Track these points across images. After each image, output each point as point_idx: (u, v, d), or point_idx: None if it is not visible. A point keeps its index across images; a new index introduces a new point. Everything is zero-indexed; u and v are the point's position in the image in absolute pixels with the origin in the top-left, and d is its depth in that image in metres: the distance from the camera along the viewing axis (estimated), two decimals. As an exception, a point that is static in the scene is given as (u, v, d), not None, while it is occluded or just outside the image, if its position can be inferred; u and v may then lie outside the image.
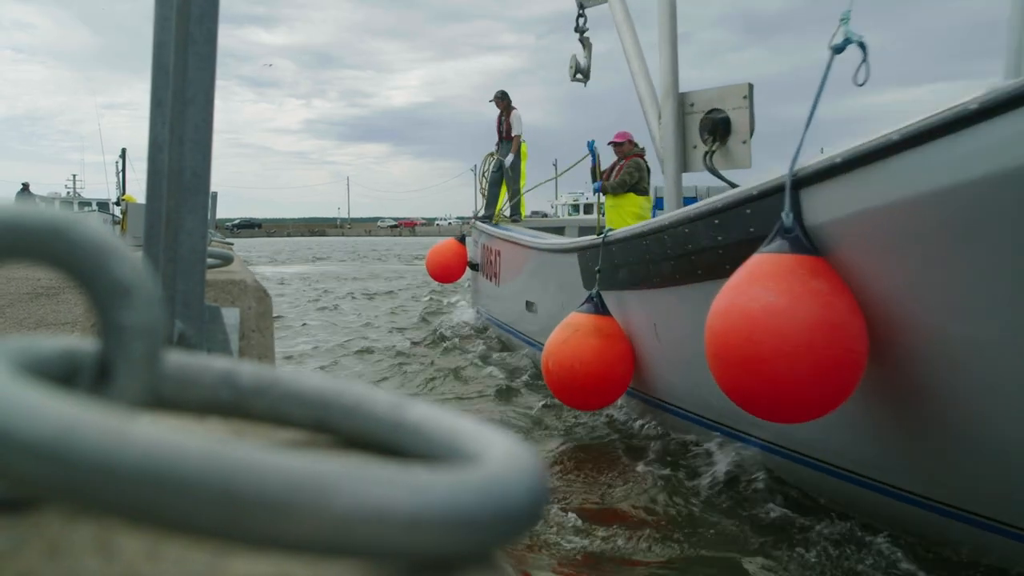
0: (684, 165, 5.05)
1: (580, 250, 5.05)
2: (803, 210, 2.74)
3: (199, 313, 1.39)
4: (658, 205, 8.19)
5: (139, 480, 0.29)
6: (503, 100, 9.50)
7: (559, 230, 9.95)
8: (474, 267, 9.28)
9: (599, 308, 4.47)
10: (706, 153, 4.70)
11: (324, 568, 0.36)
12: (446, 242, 9.64)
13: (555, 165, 14.36)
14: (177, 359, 0.51)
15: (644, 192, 7.19)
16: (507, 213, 9.30)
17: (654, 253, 3.99)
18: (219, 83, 1.74)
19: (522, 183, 9.62)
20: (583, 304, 4.51)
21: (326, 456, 0.33)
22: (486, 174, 9.82)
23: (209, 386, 0.52)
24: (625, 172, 7.08)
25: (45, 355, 0.42)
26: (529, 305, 6.78)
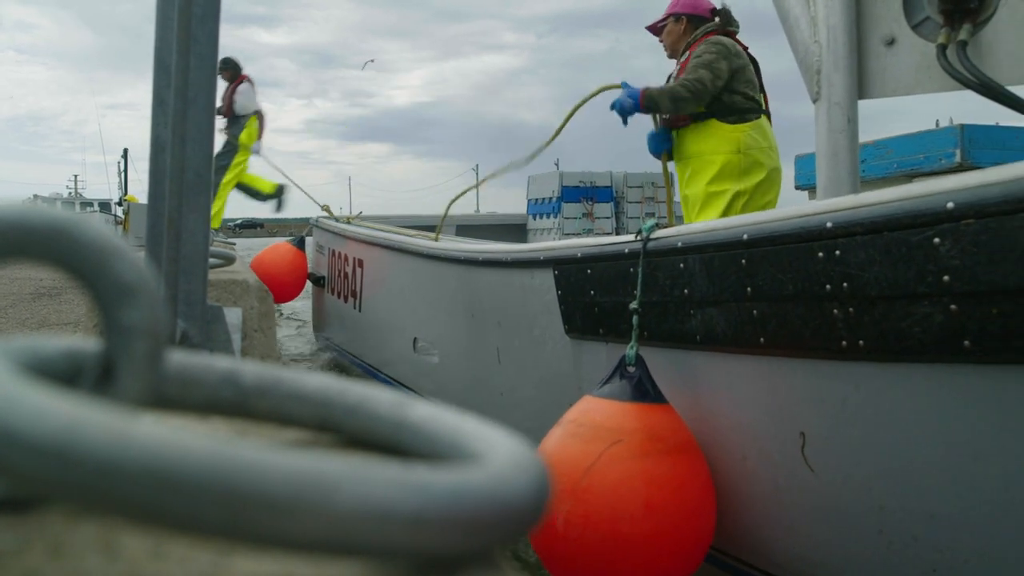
0: (862, 83, 2.33)
1: (562, 263, 2.59)
2: None
3: (201, 313, 1.40)
4: (804, 174, 5.73)
5: (142, 479, 0.29)
6: (227, 69, 7.80)
7: (431, 228, 7.81)
8: (317, 281, 6.42)
9: (646, 389, 2.04)
10: (943, 47, 2.09)
11: (327, 567, 0.36)
12: (277, 246, 6.65)
13: (556, 164, 14.24)
14: (180, 359, 0.52)
15: (748, 111, 3.29)
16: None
17: (879, 276, 1.63)
18: (220, 83, 1.75)
19: (228, 178, 7.56)
20: (612, 380, 2.07)
21: (329, 455, 0.33)
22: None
23: (212, 386, 0.52)
24: (693, 63, 3.26)
25: (48, 355, 0.43)
26: (419, 345, 4.23)
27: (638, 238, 2.20)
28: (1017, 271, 1.38)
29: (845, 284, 1.66)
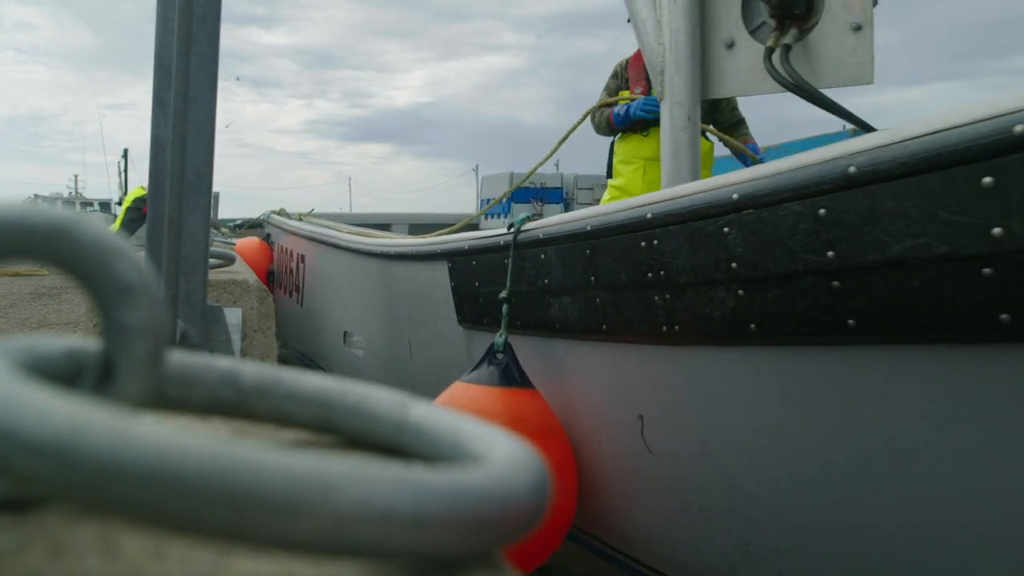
0: (705, 82, 2.42)
1: (455, 255, 2.67)
2: None
3: (201, 313, 1.40)
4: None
5: (142, 480, 0.29)
6: None
7: (385, 227, 7.11)
8: (269, 277, 6.39)
9: (512, 375, 2.14)
10: (770, 51, 2.21)
11: (327, 568, 0.36)
12: (246, 241, 6.72)
13: (557, 165, 14.22)
14: (179, 359, 0.52)
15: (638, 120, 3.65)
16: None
17: (686, 264, 1.71)
18: (220, 83, 1.75)
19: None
20: (481, 366, 2.18)
21: (329, 456, 0.33)
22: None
23: (211, 386, 0.52)
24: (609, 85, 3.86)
25: (48, 355, 0.43)
26: (348, 338, 4.24)
27: (510, 231, 2.28)
28: (783, 257, 1.47)
29: (662, 272, 1.75)
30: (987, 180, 1.16)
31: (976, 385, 1.29)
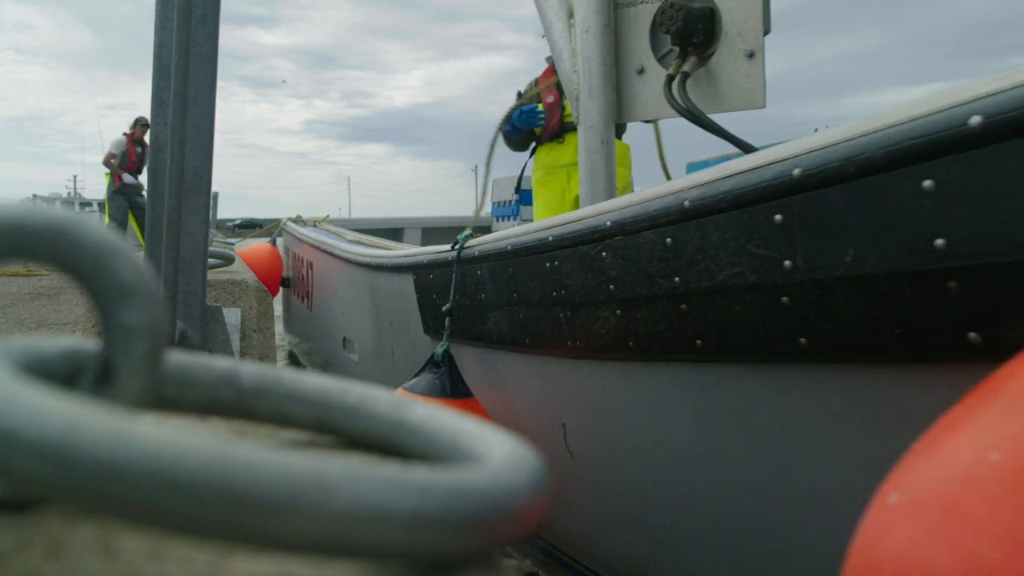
0: (620, 107, 2.54)
1: (418, 268, 2.79)
2: None
3: (201, 313, 1.39)
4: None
5: (141, 480, 0.29)
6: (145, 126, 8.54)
7: (397, 231, 7.26)
8: (286, 283, 6.65)
9: (451, 383, 2.30)
10: (671, 78, 2.31)
11: (326, 568, 0.36)
12: (256, 245, 6.65)
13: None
14: (178, 359, 0.51)
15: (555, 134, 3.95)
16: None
17: (578, 285, 1.81)
18: (219, 83, 1.75)
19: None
20: (423, 372, 2.36)
21: (328, 456, 0.33)
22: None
23: (210, 386, 0.52)
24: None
25: (47, 355, 0.43)
26: (347, 344, 4.34)
27: (455, 247, 2.42)
28: (645, 282, 1.59)
29: (563, 291, 1.87)
30: (778, 217, 1.28)
31: (794, 403, 1.42)
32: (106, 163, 9.48)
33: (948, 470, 0.71)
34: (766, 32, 2.23)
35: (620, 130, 3.85)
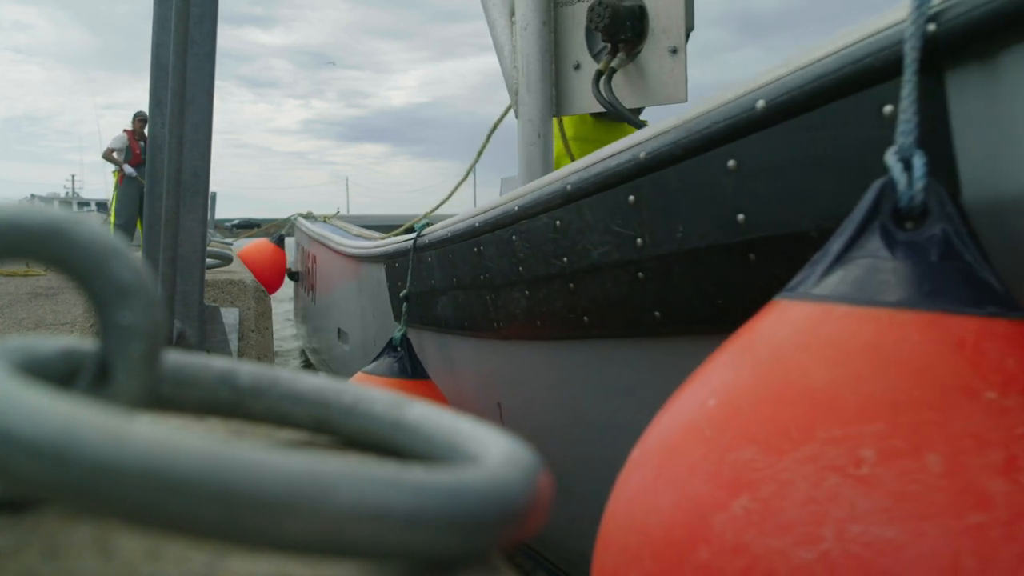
0: (557, 101, 2.65)
1: (388, 258, 2.92)
2: None
3: (198, 313, 1.39)
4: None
5: (139, 480, 0.29)
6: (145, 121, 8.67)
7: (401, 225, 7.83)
8: (294, 277, 6.97)
9: (406, 365, 2.45)
10: (599, 74, 2.42)
11: (323, 568, 0.36)
12: (257, 243, 7.02)
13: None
14: (176, 359, 0.51)
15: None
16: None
17: (497, 268, 1.94)
18: (217, 83, 1.75)
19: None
20: (381, 356, 2.52)
21: (325, 456, 0.33)
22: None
23: (208, 386, 0.52)
24: None
25: (44, 355, 0.43)
26: (341, 335, 4.51)
27: (412, 235, 2.54)
28: (542, 263, 1.67)
29: (487, 275, 1.96)
30: (631, 198, 1.36)
31: (659, 375, 1.48)
32: (106, 157, 9.47)
33: (676, 418, 0.79)
34: (690, 29, 2.31)
35: (637, 113, 3.99)
